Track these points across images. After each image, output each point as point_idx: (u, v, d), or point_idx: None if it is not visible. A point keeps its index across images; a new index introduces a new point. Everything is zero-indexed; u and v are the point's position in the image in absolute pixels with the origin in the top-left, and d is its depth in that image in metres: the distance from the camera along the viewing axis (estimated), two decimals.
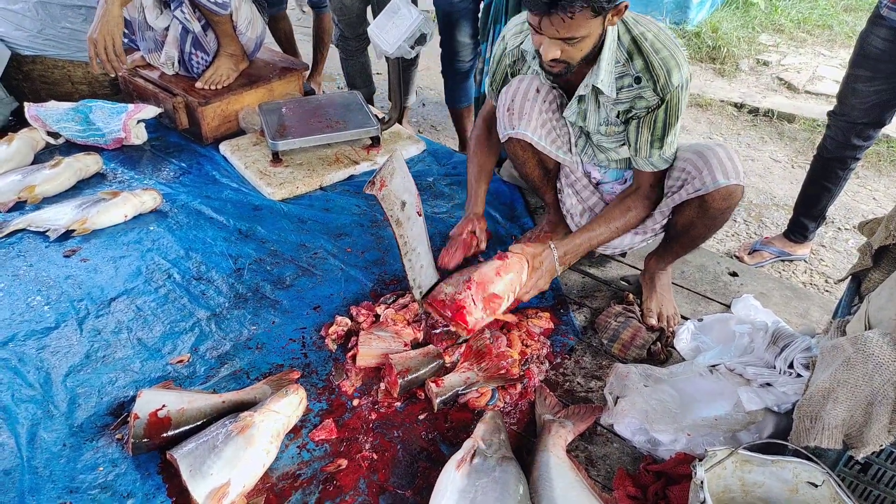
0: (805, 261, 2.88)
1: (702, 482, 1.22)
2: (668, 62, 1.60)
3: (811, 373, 1.37)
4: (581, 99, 1.76)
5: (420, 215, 1.79)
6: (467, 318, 1.69)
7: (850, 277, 1.62)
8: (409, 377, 1.66)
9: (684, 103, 1.68)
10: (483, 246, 2.07)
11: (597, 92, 1.71)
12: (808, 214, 2.67)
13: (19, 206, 2.34)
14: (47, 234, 2.20)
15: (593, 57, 1.63)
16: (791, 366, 1.64)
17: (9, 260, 2.10)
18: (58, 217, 2.24)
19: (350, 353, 1.78)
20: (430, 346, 1.78)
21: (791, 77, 4.71)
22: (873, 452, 1.23)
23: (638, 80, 1.64)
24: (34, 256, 2.12)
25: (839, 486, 1.24)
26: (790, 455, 1.32)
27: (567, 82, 1.78)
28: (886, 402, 1.18)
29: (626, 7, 1.54)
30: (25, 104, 2.69)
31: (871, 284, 1.50)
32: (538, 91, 1.81)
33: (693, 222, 1.80)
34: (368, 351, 1.74)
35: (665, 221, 1.92)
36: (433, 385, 1.63)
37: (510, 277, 1.75)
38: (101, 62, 2.38)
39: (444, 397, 1.63)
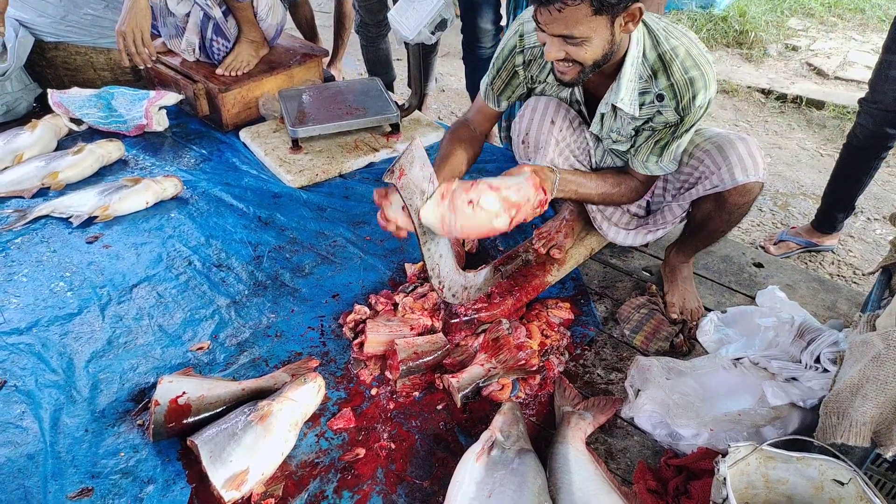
0: (833, 252, 2.82)
1: (725, 479, 1.20)
2: (697, 83, 1.51)
3: (838, 368, 1.34)
4: (602, 116, 1.70)
5: None
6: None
7: (880, 270, 1.58)
8: (411, 363, 1.65)
9: (700, 122, 1.62)
10: None
11: (616, 108, 1.64)
12: (836, 204, 2.61)
13: (43, 193, 2.37)
14: (70, 220, 2.22)
15: (614, 72, 1.56)
16: (818, 360, 1.61)
17: (32, 246, 2.12)
18: (80, 203, 2.26)
19: (357, 341, 1.78)
20: (438, 335, 1.77)
21: (821, 62, 4.59)
22: None
23: (661, 97, 1.57)
24: (57, 242, 2.14)
25: (866, 484, 1.21)
26: (816, 452, 1.30)
27: (587, 92, 1.72)
28: None
29: (641, 13, 1.42)
30: (48, 91, 2.72)
31: None
32: (552, 123, 1.76)
33: (711, 216, 1.77)
34: (375, 338, 1.73)
35: (684, 214, 1.89)
36: (453, 380, 1.62)
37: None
38: (130, 55, 2.40)
39: (465, 391, 1.61)
